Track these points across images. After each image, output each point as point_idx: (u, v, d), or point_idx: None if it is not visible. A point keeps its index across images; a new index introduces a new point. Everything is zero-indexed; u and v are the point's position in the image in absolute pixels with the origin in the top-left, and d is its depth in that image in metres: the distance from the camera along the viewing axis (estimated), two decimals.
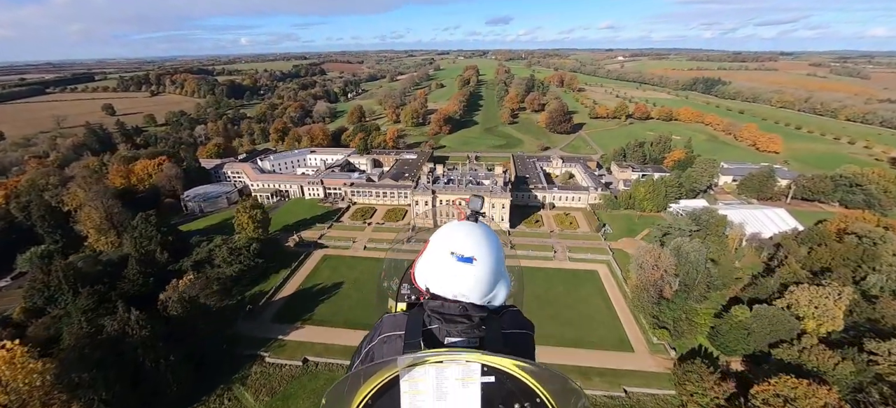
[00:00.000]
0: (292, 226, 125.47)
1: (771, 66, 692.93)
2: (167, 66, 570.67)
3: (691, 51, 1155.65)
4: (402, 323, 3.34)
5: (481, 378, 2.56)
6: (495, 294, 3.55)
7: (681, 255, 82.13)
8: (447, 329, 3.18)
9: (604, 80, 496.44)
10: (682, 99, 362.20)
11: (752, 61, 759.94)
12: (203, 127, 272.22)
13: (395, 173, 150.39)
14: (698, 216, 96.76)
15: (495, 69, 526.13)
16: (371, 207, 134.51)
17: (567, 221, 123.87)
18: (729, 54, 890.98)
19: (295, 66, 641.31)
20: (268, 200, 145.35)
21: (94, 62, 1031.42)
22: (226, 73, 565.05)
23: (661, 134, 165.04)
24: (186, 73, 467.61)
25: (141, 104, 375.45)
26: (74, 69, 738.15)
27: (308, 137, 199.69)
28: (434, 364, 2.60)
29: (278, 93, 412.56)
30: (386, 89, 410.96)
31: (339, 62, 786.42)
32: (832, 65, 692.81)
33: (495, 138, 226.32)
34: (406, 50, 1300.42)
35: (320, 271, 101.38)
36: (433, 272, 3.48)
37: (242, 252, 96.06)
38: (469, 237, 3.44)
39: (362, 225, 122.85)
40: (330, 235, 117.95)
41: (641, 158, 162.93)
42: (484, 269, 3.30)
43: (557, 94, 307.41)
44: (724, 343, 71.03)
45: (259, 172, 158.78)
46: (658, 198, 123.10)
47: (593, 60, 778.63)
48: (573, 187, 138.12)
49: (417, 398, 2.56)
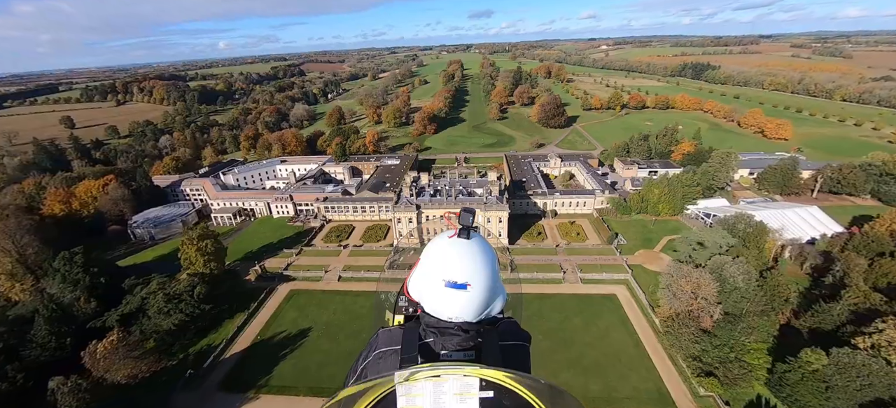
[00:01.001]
0: (255, 253, 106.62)
1: (754, 49, 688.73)
2: (137, 74, 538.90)
3: (673, 37, 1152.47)
4: (398, 337, 3.25)
5: (480, 393, 2.51)
6: (492, 308, 3.41)
7: (724, 279, 66.03)
8: (442, 342, 3.14)
9: (591, 70, 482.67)
10: (673, 86, 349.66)
11: (734, 45, 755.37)
12: (169, 137, 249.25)
13: (375, 183, 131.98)
14: (732, 224, 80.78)
15: (480, 63, 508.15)
16: (348, 225, 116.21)
17: (573, 231, 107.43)
18: (711, 39, 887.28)
19: (273, 69, 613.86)
20: (230, 220, 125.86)
21: (65, 73, 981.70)
22: (199, 77, 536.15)
23: (666, 125, 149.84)
24: (156, 79, 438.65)
25: (105, 115, 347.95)
26: (43, 80, 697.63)
27: (279, 144, 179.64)
28: (432, 379, 2.54)
29: (253, 97, 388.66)
30: (367, 88, 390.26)
31: (319, 62, 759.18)
32: (813, 46, 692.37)
33: (484, 136, 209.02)
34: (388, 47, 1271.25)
35: (284, 314, 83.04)
36: (426, 295, 3.33)
37: (184, 298, 77.14)
38: (462, 261, 3.20)
39: (337, 248, 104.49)
40: (299, 263, 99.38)
41: (647, 153, 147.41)
42: (479, 292, 3.16)
43: (548, 85, 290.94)
44: (793, 398, 55.10)
45: (220, 188, 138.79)
46: (675, 200, 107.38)
47: (577, 50, 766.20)
48: (577, 191, 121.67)
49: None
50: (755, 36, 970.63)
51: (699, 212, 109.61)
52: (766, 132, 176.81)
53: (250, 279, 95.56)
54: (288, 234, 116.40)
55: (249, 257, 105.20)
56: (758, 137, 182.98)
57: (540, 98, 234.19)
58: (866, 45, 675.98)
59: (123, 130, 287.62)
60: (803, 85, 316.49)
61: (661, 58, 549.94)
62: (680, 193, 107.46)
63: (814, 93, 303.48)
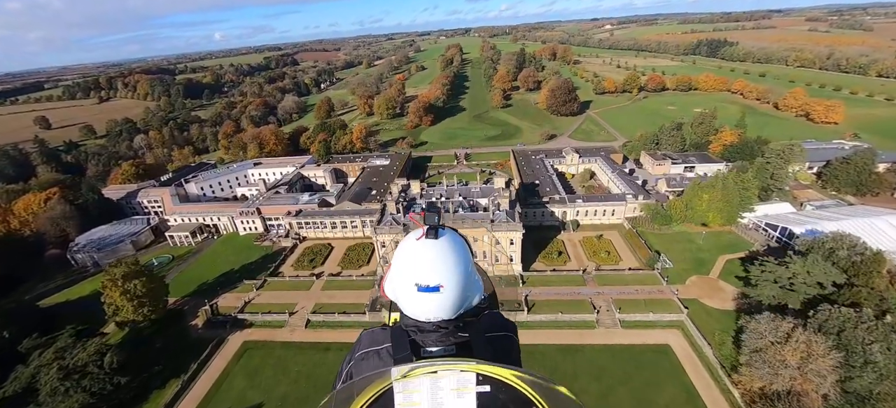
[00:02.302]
0: (211, 285, 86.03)
1: (768, 23, 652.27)
2: (123, 69, 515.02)
3: (680, 14, 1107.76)
4: (381, 338, 3.20)
5: (476, 388, 2.51)
6: (469, 301, 3.38)
7: (851, 347, 44.43)
8: (422, 339, 3.10)
9: (599, 51, 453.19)
10: (689, 65, 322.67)
11: (746, 20, 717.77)
12: (144, 137, 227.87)
13: (358, 191, 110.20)
14: (831, 249, 58.64)
15: (480, 46, 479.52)
16: (325, 245, 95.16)
17: (601, 248, 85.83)
18: (720, 15, 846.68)
19: (266, 58, 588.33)
20: (188, 240, 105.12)
21: (58, 70, 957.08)
22: (189, 70, 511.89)
23: (702, 111, 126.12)
24: (141, 73, 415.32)
25: (86, 113, 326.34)
26: (32, 78, 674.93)
27: (256, 143, 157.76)
28: (428, 375, 2.54)
29: (242, 89, 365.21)
30: (361, 77, 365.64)
31: (314, 51, 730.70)
32: (830, 19, 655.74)
33: (487, 127, 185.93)
34: (385, 34, 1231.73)
35: (232, 380, 62.53)
36: (400, 297, 3.31)
37: (90, 371, 56.68)
38: (432, 263, 3.14)
39: (308, 279, 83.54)
40: (259, 302, 78.60)
41: (680, 145, 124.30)
42: (452, 292, 3.12)
43: (556, 68, 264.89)
44: None
45: (180, 199, 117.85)
46: (730, 206, 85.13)
47: (581, 31, 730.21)
48: (602, 197, 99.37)
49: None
50: (765, 11, 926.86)
51: (759, 222, 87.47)
52: (814, 116, 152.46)
53: (197, 324, 75.10)
54: (254, 256, 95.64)
55: (203, 290, 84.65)
56: (801, 120, 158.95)
57: (548, 82, 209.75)
58: (885, 17, 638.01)
59: (101, 130, 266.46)
60: (833, 60, 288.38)
61: (670, 36, 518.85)
62: (737, 197, 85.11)
63: (845, 68, 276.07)
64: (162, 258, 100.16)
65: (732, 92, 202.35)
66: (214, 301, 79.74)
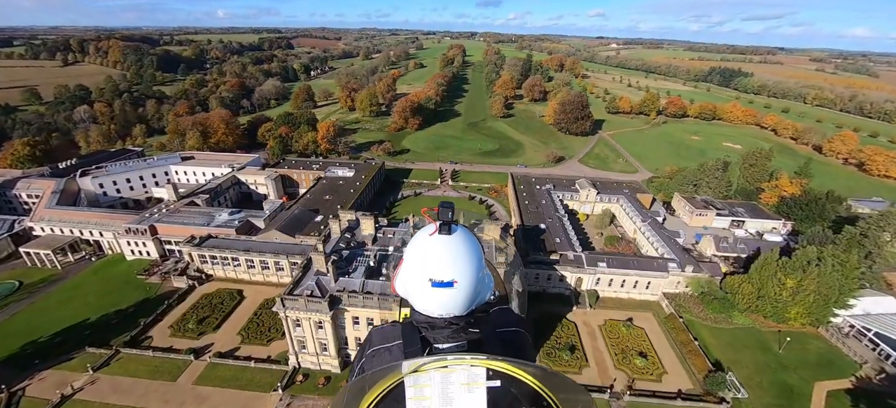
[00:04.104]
0: (42, 346, 55.19)
1: (774, 59, 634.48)
2: (102, 33, 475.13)
3: (683, 42, 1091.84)
4: (391, 334, 3.16)
5: (487, 382, 2.48)
6: (481, 297, 3.27)
7: None
8: (433, 336, 3.05)
9: (606, 67, 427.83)
10: (705, 91, 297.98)
11: (752, 54, 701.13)
12: (88, 109, 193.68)
13: (298, 214, 79.17)
14: None
15: (484, 50, 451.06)
16: (233, 290, 64.75)
17: (632, 342, 56.92)
18: (726, 47, 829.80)
19: (260, 39, 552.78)
20: (51, 260, 73.58)
21: (46, 29, 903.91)
22: (174, 42, 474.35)
23: (755, 151, 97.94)
24: (117, 39, 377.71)
25: (43, 75, 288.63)
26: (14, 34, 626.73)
27: (198, 130, 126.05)
28: (439, 369, 2.51)
29: (223, 67, 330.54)
30: (355, 67, 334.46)
31: (313, 37, 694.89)
32: (834, 61, 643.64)
33: (483, 139, 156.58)
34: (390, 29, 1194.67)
35: None
36: (412, 293, 3.21)
37: None
38: (446, 258, 3.04)
39: (182, 359, 52.86)
40: (86, 399, 47.92)
41: (725, 189, 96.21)
42: (466, 287, 3.04)
43: (567, 79, 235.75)
44: None
45: (68, 198, 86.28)
46: (827, 300, 56.85)
47: (586, 47, 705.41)
48: (634, 261, 69.93)
49: (423, 404, 2.47)
50: (770, 47, 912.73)
51: (860, 324, 59.26)
52: (871, 167, 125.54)
53: None
54: (131, 298, 64.91)
55: (27, 355, 53.80)
56: (850, 170, 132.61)
57: (556, 94, 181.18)
58: (888, 65, 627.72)
59: (47, 95, 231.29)
60: (856, 103, 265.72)
61: (678, 60, 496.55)
62: (837, 287, 56.83)
63: (869, 113, 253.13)
64: (3, 286, 68.77)
65: (762, 126, 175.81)
66: (20, 385, 48.93)
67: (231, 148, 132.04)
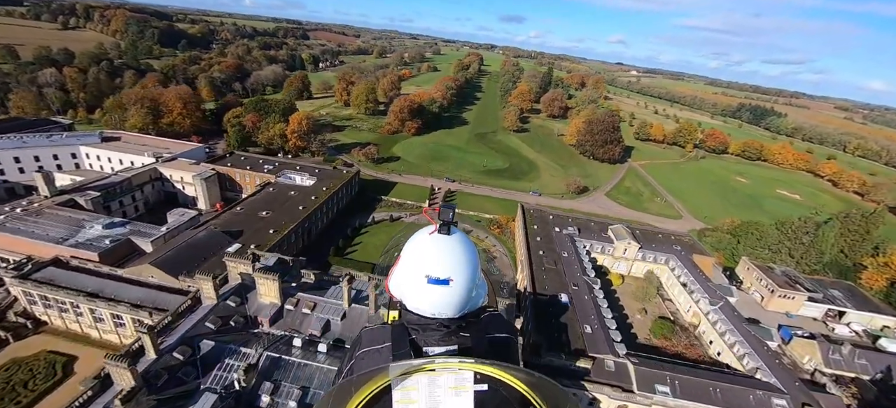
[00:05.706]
0: None
1: (800, 103, 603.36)
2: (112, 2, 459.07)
3: (702, 77, 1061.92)
4: (380, 336, 3.09)
5: (474, 386, 2.45)
6: (473, 302, 3.31)
7: None
8: (424, 338, 3.02)
9: (629, 92, 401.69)
10: (736, 128, 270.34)
11: (776, 95, 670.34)
12: (56, 73, 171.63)
13: (197, 243, 53.15)
14: None
15: (502, 62, 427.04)
16: (63, 355, 39.01)
17: None
18: (750, 86, 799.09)
19: (277, 27, 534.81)
20: None
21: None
22: (188, 20, 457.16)
23: (857, 213, 71.67)
24: (123, 9, 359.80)
25: (34, 36, 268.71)
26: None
27: (146, 107, 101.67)
28: (426, 373, 2.48)
29: (226, 49, 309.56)
30: (367, 63, 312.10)
31: (331, 32, 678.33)
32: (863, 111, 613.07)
33: (491, 154, 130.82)
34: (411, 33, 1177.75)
35: None
36: (407, 292, 3.22)
37: None
38: (444, 256, 3.09)
39: None
40: None
41: (815, 259, 69.27)
42: (461, 287, 3.06)
43: (592, 97, 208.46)
44: None
45: None
46: None
47: (606, 70, 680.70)
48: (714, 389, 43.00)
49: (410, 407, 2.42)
50: (792, 91, 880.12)
51: None
52: None
53: None
54: None
55: None
56: None
57: (581, 112, 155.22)
58: None
59: (27, 56, 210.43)
60: None
61: (702, 93, 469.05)
62: None
63: None
64: None
65: (817, 175, 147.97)
66: None
67: (187, 132, 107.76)
